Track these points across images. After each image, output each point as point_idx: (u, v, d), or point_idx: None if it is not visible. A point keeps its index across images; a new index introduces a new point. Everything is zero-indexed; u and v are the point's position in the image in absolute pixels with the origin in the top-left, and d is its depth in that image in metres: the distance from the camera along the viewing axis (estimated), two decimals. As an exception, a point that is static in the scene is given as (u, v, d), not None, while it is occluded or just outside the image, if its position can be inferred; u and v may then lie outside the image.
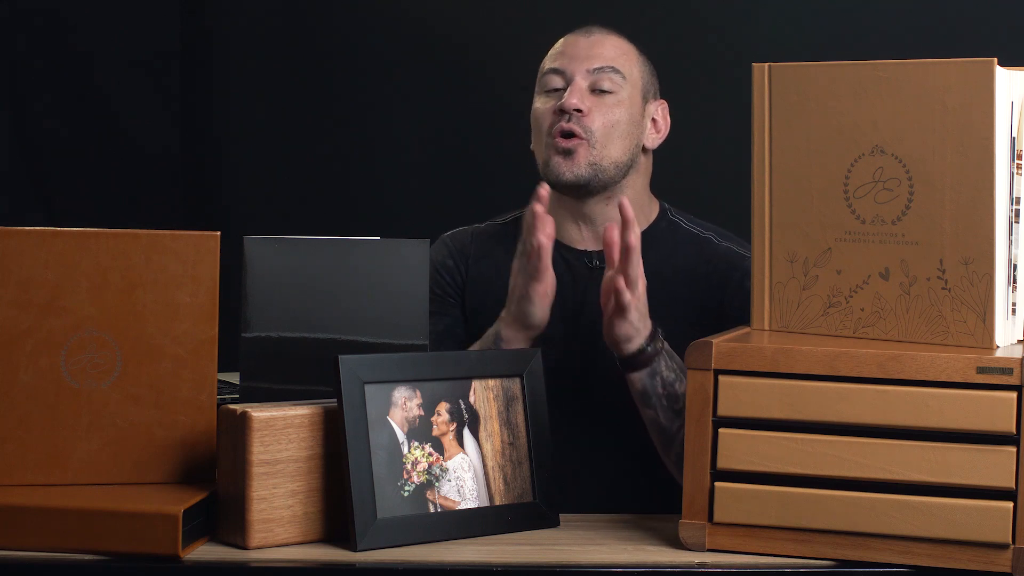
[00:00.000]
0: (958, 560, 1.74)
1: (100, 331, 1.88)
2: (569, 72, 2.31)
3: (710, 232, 2.39)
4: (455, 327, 2.36)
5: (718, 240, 2.38)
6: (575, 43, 2.34)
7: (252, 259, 1.96)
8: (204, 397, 1.91)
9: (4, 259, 1.86)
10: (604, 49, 2.32)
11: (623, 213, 2.05)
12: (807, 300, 1.91)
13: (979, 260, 1.79)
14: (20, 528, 1.78)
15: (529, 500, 1.93)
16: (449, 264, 2.41)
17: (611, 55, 2.32)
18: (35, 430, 1.87)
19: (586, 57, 2.31)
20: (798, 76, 1.90)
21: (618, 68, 2.31)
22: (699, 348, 1.82)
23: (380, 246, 2.01)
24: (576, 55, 2.32)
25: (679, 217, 2.41)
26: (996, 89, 1.76)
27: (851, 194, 1.87)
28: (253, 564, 1.77)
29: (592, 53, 2.31)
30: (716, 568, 1.77)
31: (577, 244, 2.36)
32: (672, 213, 2.41)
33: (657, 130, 2.38)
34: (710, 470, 1.82)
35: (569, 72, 2.31)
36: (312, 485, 1.83)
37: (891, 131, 1.83)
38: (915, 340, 1.83)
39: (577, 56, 2.31)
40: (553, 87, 2.32)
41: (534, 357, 1.98)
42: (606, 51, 2.32)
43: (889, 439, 1.76)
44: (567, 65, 2.31)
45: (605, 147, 2.29)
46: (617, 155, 2.30)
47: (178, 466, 1.91)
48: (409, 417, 1.87)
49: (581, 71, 2.30)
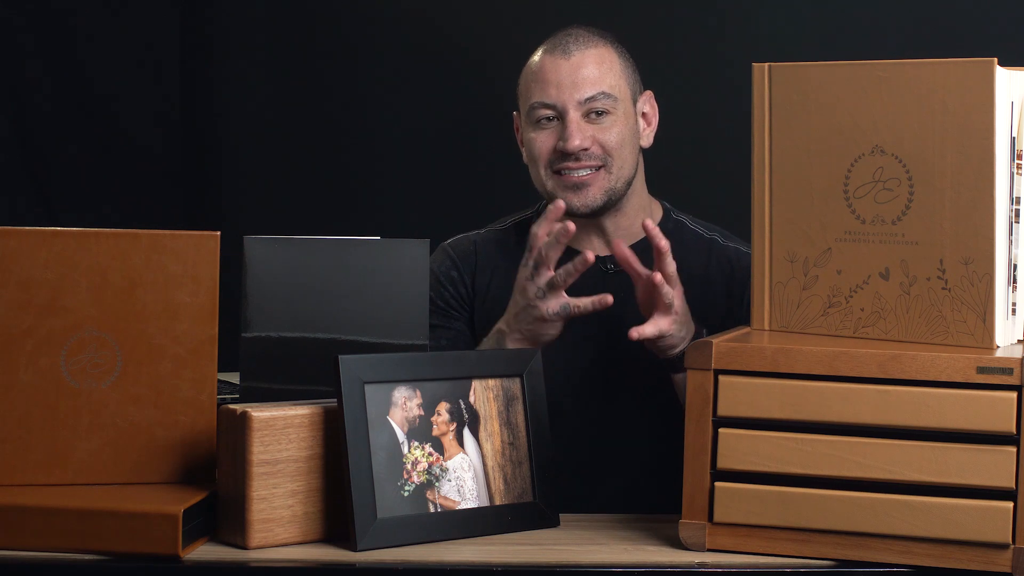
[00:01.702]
0: (958, 560, 1.74)
1: (100, 331, 1.88)
2: (560, 105, 2.26)
3: (715, 232, 2.39)
4: (458, 341, 2.35)
5: (723, 241, 2.37)
6: (556, 68, 2.27)
7: (252, 259, 1.96)
8: (204, 397, 1.91)
9: (4, 259, 1.86)
10: (588, 70, 2.27)
11: (650, 234, 2.06)
12: (807, 300, 1.91)
13: (979, 260, 1.79)
14: (20, 528, 1.78)
15: (529, 500, 1.93)
16: (454, 276, 2.39)
17: (596, 76, 2.27)
18: (35, 430, 1.87)
19: (572, 85, 2.26)
20: (798, 76, 1.90)
21: (607, 92, 2.27)
22: (699, 348, 1.82)
23: (380, 246, 2.01)
24: (561, 83, 2.26)
25: (682, 217, 2.40)
26: (996, 89, 1.76)
27: (851, 194, 1.87)
28: (253, 564, 1.77)
29: (578, 79, 2.26)
30: (716, 568, 1.77)
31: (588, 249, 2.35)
32: (675, 213, 2.41)
33: (648, 123, 2.37)
34: (710, 470, 1.82)
35: (560, 105, 2.26)
36: (312, 485, 1.83)
37: (891, 131, 1.83)
38: (915, 340, 1.83)
39: (562, 84, 2.26)
40: (544, 118, 2.28)
41: (534, 357, 1.98)
42: (590, 72, 2.27)
43: (889, 439, 1.76)
44: (556, 97, 2.26)
45: (622, 167, 2.28)
46: (627, 172, 2.30)
47: (178, 466, 1.91)
48: (409, 417, 1.87)
49: (572, 103, 2.26)
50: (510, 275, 2.33)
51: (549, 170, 2.28)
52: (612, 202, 2.29)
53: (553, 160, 2.28)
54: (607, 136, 2.26)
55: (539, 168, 2.30)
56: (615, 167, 2.27)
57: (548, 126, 2.28)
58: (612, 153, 2.27)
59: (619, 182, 2.28)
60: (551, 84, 2.27)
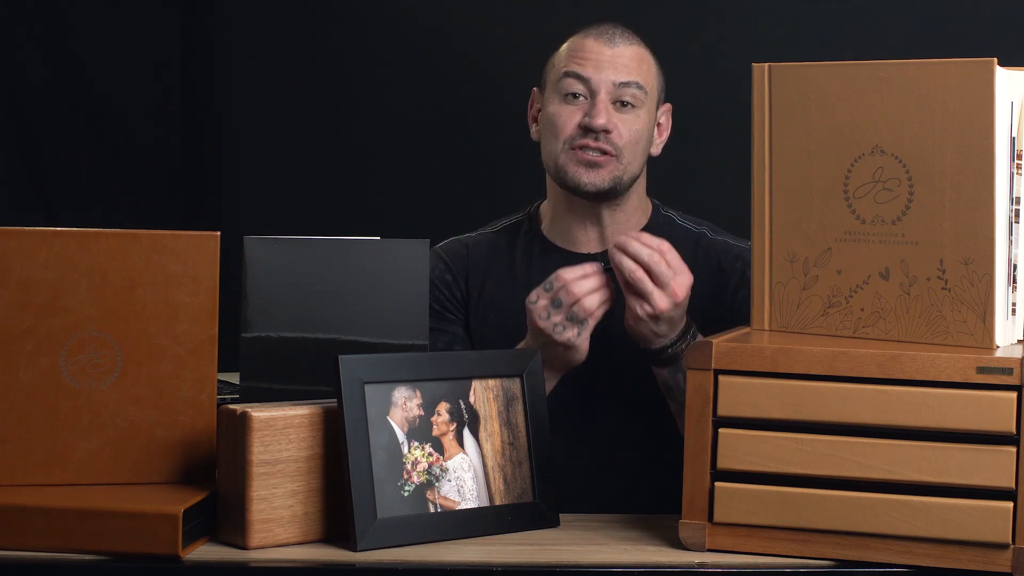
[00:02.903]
0: (958, 560, 1.74)
1: (100, 331, 1.88)
2: (594, 83, 2.27)
3: (704, 227, 2.39)
4: (454, 344, 2.35)
5: (712, 235, 2.38)
6: (599, 51, 2.29)
7: (252, 259, 1.96)
8: (204, 397, 1.91)
9: (4, 259, 1.86)
10: (627, 60, 2.29)
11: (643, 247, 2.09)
12: (807, 300, 1.91)
13: (979, 260, 1.79)
14: (20, 528, 1.78)
15: (529, 500, 1.93)
16: (448, 279, 2.39)
17: (634, 67, 2.29)
18: (35, 430, 1.87)
19: (611, 68, 2.27)
20: (798, 76, 1.90)
21: (641, 84, 2.29)
22: (699, 348, 1.82)
23: (380, 246, 2.01)
24: (600, 64, 2.28)
25: (670, 213, 2.41)
26: (996, 89, 1.76)
27: (851, 194, 1.87)
28: (253, 564, 1.77)
29: (618, 64, 2.28)
30: (716, 568, 1.77)
31: (583, 248, 2.35)
32: (663, 209, 2.41)
33: (660, 135, 2.38)
34: (710, 470, 1.82)
35: (594, 83, 2.27)
36: (312, 485, 1.83)
37: (891, 131, 1.83)
38: (915, 340, 1.83)
39: (601, 66, 2.28)
40: (573, 92, 2.28)
41: (534, 357, 1.98)
42: (629, 63, 2.29)
43: (889, 439, 1.76)
44: (591, 74, 2.27)
45: (631, 163, 2.29)
46: (635, 169, 2.30)
47: (178, 466, 1.91)
48: (409, 417, 1.87)
49: (606, 84, 2.27)
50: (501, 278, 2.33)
51: (566, 145, 2.28)
52: (616, 192, 2.30)
53: (574, 136, 2.28)
54: (628, 128, 2.27)
55: (556, 142, 2.29)
56: (626, 159, 2.28)
57: (575, 103, 2.29)
58: (627, 146, 2.27)
59: (626, 175, 2.29)
60: (590, 61, 2.29)
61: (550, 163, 2.32)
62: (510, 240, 2.39)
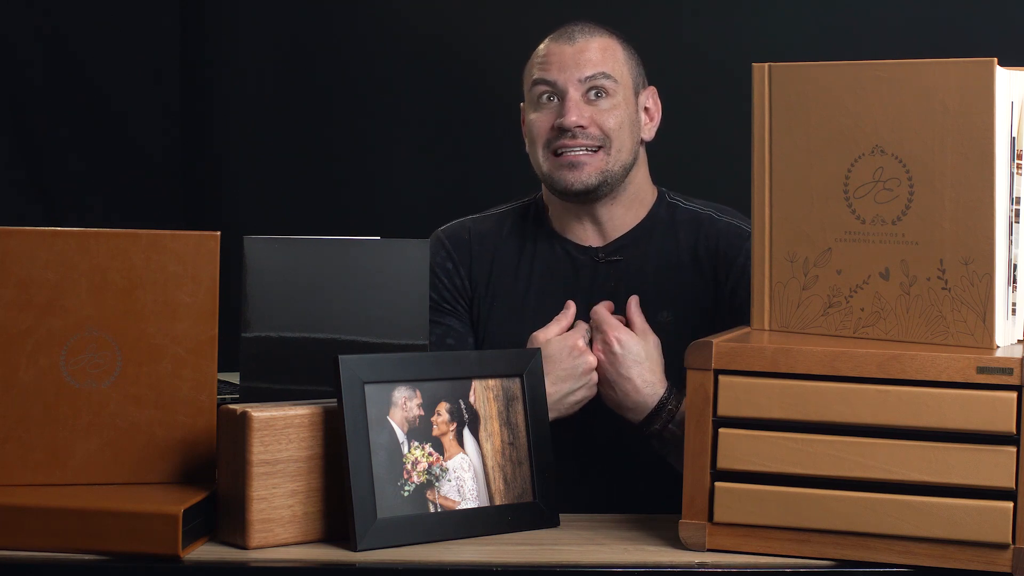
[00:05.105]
0: (958, 560, 1.74)
1: (100, 331, 1.88)
2: (560, 84, 2.28)
3: (710, 209, 2.38)
4: (447, 337, 2.34)
5: (718, 216, 2.37)
6: (560, 51, 2.30)
7: (252, 259, 1.96)
8: (204, 397, 1.91)
9: (4, 259, 1.86)
10: (590, 54, 2.29)
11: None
12: (807, 300, 1.91)
13: (979, 260, 1.79)
14: (20, 528, 1.78)
15: (529, 500, 1.93)
16: (448, 267, 2.38)
17: (598, 59, 2.29)
18: (35, 430, 1.87)
19: (574, 66, 2.28)
20: (798, 76, 1.90)
21: (608, 73, 2.29)
22: (699, 348, 1.82)
23: (380, 246, 2.01)
24: (563, 64, 2.29)
25: (677, 198, 2.40)
26: (996, 89, 1.76)
27: (851, 194, 1.87)
28: (253, 564, 1.77)
29: (580, 60, 2.29)
30: (716, 568, 1.77)
31: (583, 241, 2.36)
32: (670, 196, 2.40)
33: (651, 118, 2.37)
34: (710, 470, 1.82)
35: (560, 84, 2.28)
36: (312, 485, 1.83)
37: (891, 131, 1.83)
38: (915, 340, 1.83)
39: (564, 65, 2.29)
40: (545, 99, 2.30)
41: (534, 357, 1.98)
42: (592, 55, 2.29)
43: (889, 439, 1.76)
44: (556, 76, 2.28)
45: (619, 152, 2.29)
46: (625, 157, 2.30)
47: (178, 466, 1.91)
48: (409, 417, 1.87)
49: (572, 82, 2.28)
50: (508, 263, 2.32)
51: (547, 150, 2.29)
52: (608, 187, 2.29)
53: (551, 139, 2.29)
54: (606, 118, 2.28)
55: (537, 149, 2.31)
56: (613, 149, 2.28)
57: (548, 105, 2.30)
58: (611, 135, 2.27)
59: (616, 165, 2.29)
60: (553, 65, 2.30)
61: (538, 171, 2.34)
62: (514, 223, 2.40)
